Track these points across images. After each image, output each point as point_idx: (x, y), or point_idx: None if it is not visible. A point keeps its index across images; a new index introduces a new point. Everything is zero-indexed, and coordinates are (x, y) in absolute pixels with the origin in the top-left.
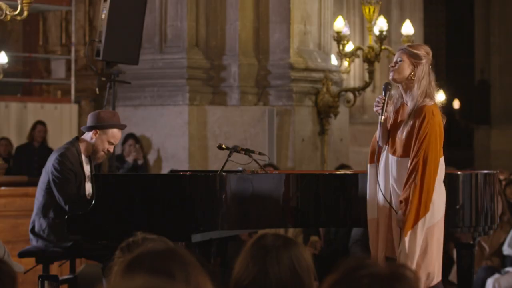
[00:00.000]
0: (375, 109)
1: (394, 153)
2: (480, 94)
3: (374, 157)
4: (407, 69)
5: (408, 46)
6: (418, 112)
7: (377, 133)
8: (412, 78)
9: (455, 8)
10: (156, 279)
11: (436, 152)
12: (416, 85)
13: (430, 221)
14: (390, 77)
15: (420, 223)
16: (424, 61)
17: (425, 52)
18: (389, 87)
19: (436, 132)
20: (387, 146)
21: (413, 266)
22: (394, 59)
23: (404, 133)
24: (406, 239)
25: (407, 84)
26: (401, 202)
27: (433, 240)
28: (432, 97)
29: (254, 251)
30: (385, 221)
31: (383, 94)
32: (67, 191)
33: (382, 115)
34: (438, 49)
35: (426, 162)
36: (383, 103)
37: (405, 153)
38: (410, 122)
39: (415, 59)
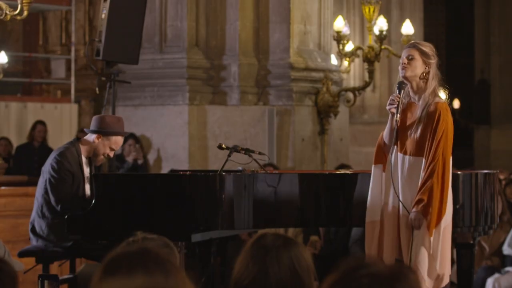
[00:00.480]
0: (388, 107)
1: (405, 153)
2: (480, 94)
3: (379, 158)
4: (420, 67)
5: (418, 43)
6: (433, 110)
7: (385, 132)
8: (426, 77)
9: (455, 8)
10: (154, 279)
11: (450, 151)
12: (428, 84)
13: (444, 222)
14: (402, 75)
15: (442, 222)
16: (433, 60)
17: (432, 51)
18: (403, 85)
19: (450, 130)
20: (395, 146)
21: (438, 266)
22: (404, 55)
23: (419, 132)
24: (432, 239)
25: (418, 83)
26: (420, 200)
27: (445, 241)
28: (439, 96)
29: (254, 251)
30: (393, 222)
31: (397, 92)
32: (60, 191)
33: (397, 113)
34: (438, 49)
35: (445, 161)
36: (398, 102)
37: (419, 152)
38: (424, 121)
39: (426, 58)
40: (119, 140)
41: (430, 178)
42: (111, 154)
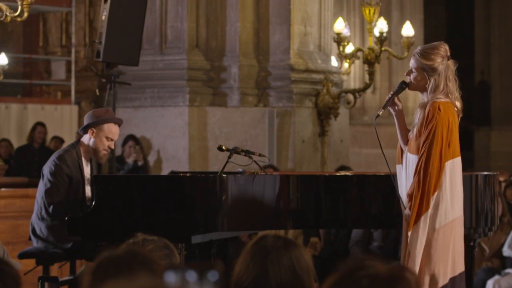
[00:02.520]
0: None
1: (410, 151)
2: (480, 95)
3: (400, 157)
4: (422, 81)
5: (420, 54)
6: (427, 110)
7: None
8: (427, 88)
9: (455, 9)
10: (157, 279)
11: (439, 149)
12: (430, 92)
13: (437, 222)
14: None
15: (422, 220)
16: (438, 71)
17: (440, 57)
18: (403, 85)
19: (443, 129)
20: (406, 146)
21: (415, 263)
22: (410, 63)
23: (415, 131)
24: (409, 234)
25: (423, 91)
26: (407, 196)
27: (437, 242)
28: (448, 95)
29: (255, 252)
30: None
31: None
32: (53, 195)
33: (383, 107)
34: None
35: (429, 158)
36: (389, 97)
37: (415, 151)
38: (420, 121)
39: (427, 72)
40: (112, 127)
41: (414, 175)
42: (112, 145)
